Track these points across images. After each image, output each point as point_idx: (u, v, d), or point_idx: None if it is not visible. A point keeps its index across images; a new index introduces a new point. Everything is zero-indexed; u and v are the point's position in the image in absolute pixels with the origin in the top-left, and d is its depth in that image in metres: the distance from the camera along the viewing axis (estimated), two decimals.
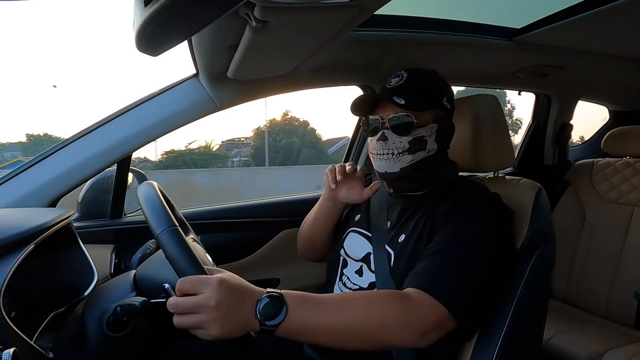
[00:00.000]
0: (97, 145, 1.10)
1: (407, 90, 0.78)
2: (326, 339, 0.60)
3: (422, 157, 0.78)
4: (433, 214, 0.76)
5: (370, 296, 0.65)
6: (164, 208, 0.66)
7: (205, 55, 1.02)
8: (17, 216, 0.79)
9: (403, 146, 0.77)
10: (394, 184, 0.84)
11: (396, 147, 0.77)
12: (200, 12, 0.51)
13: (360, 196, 0.89)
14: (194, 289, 0.54)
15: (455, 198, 0.76)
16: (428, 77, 0.83)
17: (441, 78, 0.85)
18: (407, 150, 0.77)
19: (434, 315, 0.62)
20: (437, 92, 0.81)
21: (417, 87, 0.79)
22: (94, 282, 0.79)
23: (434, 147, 0.79)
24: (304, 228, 1.04)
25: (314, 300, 0.60)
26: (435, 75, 0.84)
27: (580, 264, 1.58)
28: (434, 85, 0.82)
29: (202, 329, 0.54)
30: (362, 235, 0.88)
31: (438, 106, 0.79)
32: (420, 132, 0.77)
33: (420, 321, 0.62)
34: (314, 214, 1.00)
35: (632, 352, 1.18)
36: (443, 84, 0.84)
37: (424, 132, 0.77)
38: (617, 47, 1.32)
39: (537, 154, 1.99)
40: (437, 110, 0.79)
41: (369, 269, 0.84)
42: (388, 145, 0.78)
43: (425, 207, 0.79)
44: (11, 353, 0.52)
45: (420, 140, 0.77)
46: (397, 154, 0.78)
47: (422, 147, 0.77)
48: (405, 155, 0.77)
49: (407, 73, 0.80)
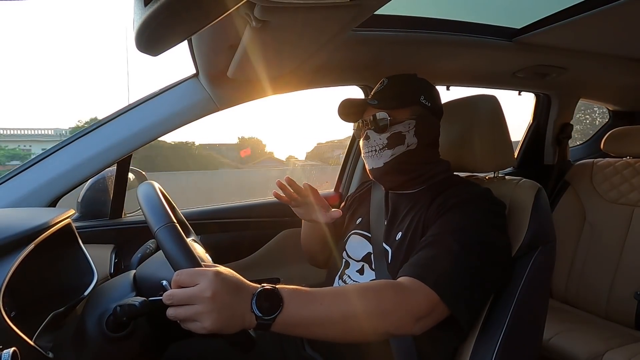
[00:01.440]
0: (97, 145, 1.10)
1: (384, 92, 0.87)
2: (323, 330, 0.60)
3: (402, 150, 0.83)
4: (426, 210, 0.78)
5: (365, 286, 0.66)
6: (162, 206, 0.66)
7: (205, 55, 1.02)
8: (17, 216, 0.79)
9: (383, 142, 0.84)
10: (382, 179, 0.88)
11: (377, 144, 0.84)
12: (200, 12, 0.51)
13: (324, 217, 0.91)
14: (190, 280, 0.54)
15: (447, 194, 0.78)
16: (405, 79, 0.89)
17: (420, 79, 0.90)
18: (386, 146, 0.83)
19: (426, 301, 0.64)
20: (413, 90, 0.86)
21: (393, 89, 0.87)
22: (94, 282, 0.79)
23: (414, 142, 0.83)
24: (302, 242, 1.08)
25: (309, 292, 0.60)
26: (413, 77, 0.90)
27: (580, 264, 1.58)
28: (410, 85, 0.88)
29: (196, 321, 0.53)
30: (363, 237, 0.90)
31: (415, 103, 0.84)
32: (397, 128, 0.83)
33: (413, 307, 0.63)
34: (303, 231, 1.06)
35: (632, 352, 1.18)
36: (421, 84, 0.89)
37: (401, 127, 0.83)
38: (617, 47, 1.32)
39: (537, 154, 1.99)
40: (414, 108, 0.85)
41: (370, 267, 0.85)
42: (370, 143, 0.85)
43: (419, 205, 0.82)
44: (11, 353, 0.52)
45: (398, 136, 0.83)
46: (379, 150, 0.84)
47: (400, 142, 0.83)
48: (386, 150, 0.84)
49: (388, 79, 0.89)
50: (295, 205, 0.95)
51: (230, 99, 1.22)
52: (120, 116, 1.14)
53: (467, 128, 0.90)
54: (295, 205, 0.94)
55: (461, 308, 0.66)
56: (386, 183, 0.89)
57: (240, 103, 1.25)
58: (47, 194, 1.05)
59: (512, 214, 0.80)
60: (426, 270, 0.66)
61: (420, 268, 0.67)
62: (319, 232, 0.99)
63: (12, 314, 0.63)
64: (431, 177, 0.85)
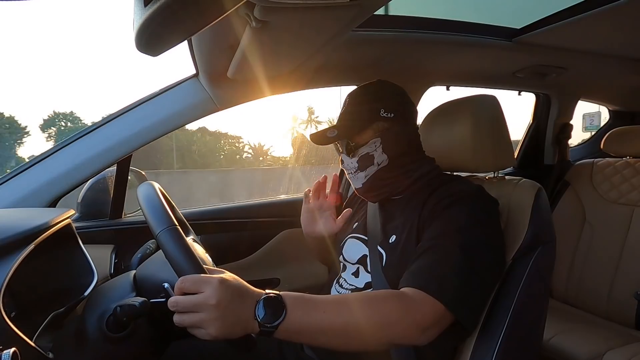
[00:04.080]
0: (97, 145, 1.10)
1: (344, 117, 0.86)
2: (326, 339, 0.60)
3: (374, 170, 0.83)
4: (420, 212, 0.78)
5: (369, 296, 0.65)
6: (164, 207, 0.65)
7: (205, 55, 1.02)
8: (17, 216, 0.79)
9: (354, 165, 0.85)
10: (366, 196, 0.90)
11: (351, 167, 0.85)
12: (200, 12, 0.51)
13: (334, 225, 0.95)
14: (194, 288, 0.54)
15: (439, 194, 0.77)
16: (363, 97, 0.86)
17: (380, 88, 0.86)
18: (358, 168, 0.84)
19: (431, 312, 0.63)
20: (371, 108, 0.83)
21: (351, 112, 0.85)
22: (94, 282, 0.79)
23: (384, 159, 0.83)
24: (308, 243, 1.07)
25: (312, 301, 0.60)
26: (371, 90, 0.87)
27: (580, 264, 1.58)
28: (367, 102, 0.85)
29: (201, 328, 0.54)
30: (359, 240, 0.90)
31: (375, 120, 0.82)
32: (364, 150, 0.83)
33: (419, 318, 0.62)
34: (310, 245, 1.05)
35: (632, 352, 1.18)
36: (380, 95, 0.85)
37: (368, 149, 0.83)
38: (617, 47, 1.32)
39: (537, 154, 1.99)
40: (376, 125, 0.82)
41: (365, 270, 0.85)
42: (346, 166, 0.87)
43: (412, 207, 0.81)
44: (11, 353, 0.52)
45: (367, 157, 0.83)
46: (354, 172, 0.85)
47: (370, 162, 0.83)
48: (359, 172, 0.85)
49: (348, 98, 0.87)
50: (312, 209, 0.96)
51: (230, 99, 1.22)
52: (120, 116, 1.14)
53: (467, 128, 0.90)
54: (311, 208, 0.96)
55: (467, 314, 0.66)
56: (371, 198, 0.90)
57: (240, 103, 1.25)
58: (47, 194, 1.05)
59: (512, 214, 0.80)
60: (429, 280, 0.65)
61: (423, 277, 0.66)
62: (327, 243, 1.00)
63: (12, 314, 0.63)
64: (418, 179, 0.84)
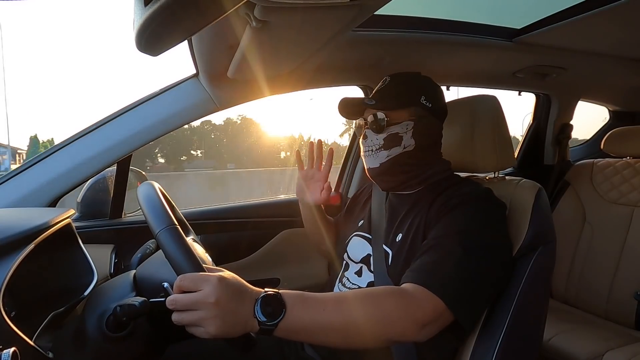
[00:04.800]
0: (97, 145, 1.10)
1: (384, 92, 0.86)
2: (325, 337, 0.60)
3: (398, 152, 0.82)
4: (427, 211, 0.78)
5: (368, 292, 0.65)
6: (163, 207, 0.65)
7: (205, 55, 1.02)
8: (17, 216, 0.79)
9: (379, 143, 0.83)
10: (378, 179, 0.88)
11: (374, 144, 0.83)
12: (200, 12, 0.51)
13: (319, 197, 0.97)
14: (193, 286, 0.54)
15: (447, 194, 0.77)
16: (407, 79, 0.87)
17: (423, 79, 0.88)
18: (382, 147, 0.83)
19: (431, 308, 0.63)
20: (414, 91, 0.84)
21: (393, 88, 0.85)
22: (93, 282, 0.79)
23: (411, 143, 0.82)
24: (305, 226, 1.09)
25: (312, 298, 0.60)
26: (416, 77, 0.88)
27: (580, 265, 1.58)
28: (411, 85, 0.86)
29: (200, 327, 0.53)
30: (364, 238, 0.90)
31: (414, 104, 0.83)
32: (395, 129, 0.82)
33: (418, 314, 0.62)
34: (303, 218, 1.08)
35: (632, 353, 1.18)
36: (423, 84, 0.87)
37: (398, 129, 0.82)
38: (617, 47, 1.32)
39: (537, 154, 1.99)
40: (414, 109, 0.83)
41: (368, 269, 0.85)
42: (368, 142, 0.85)
43: (419, 206, 0.81)
44: (11, 353, 0.52)
45: (395, 137, 0.82)
46: (375, 150, 0.83)
47: (397, 143, 0.82)
48: (382, 151, 0.83)
49: (390, 77, 0.87)
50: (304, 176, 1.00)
51: (230, 99, 1.22)
52: (120, 116, 1.14)
53: (467, 128, 0.90)
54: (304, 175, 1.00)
55: (467, 314, 0.66)
56: (382, 183, 0.89)
57: (240, 103, 1.25)
58: (47, 194, 1.05)
59: (513, 214, 0.80)
60: (430, 277, 0.65)
61: (425, 274, 0.66)
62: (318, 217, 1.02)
63: (12, 314, 0.63)
64: (429, 177, 0.84)
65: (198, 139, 35.70)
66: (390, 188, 0.89)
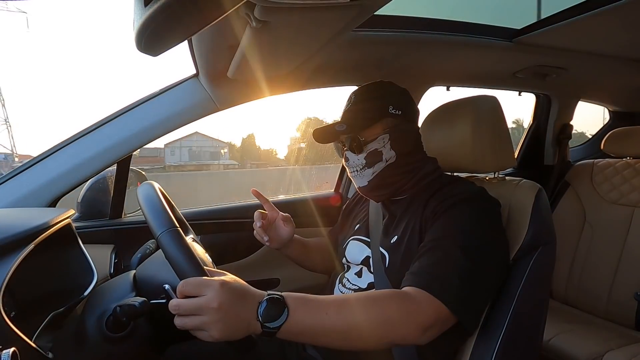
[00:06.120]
0: (97, 145, 1.10)
1: (350, 114, 0.86)
2: (328, 339, 0.60)
3: (382, 167, 0.83)
4: (421, 213, 0.78)
5: (371, 295, 0.65)
6: (164, 208, 0.65)
7: (205, 55, 1.02)
8: (17, 216, 0.79)
9: (362, 162, 0.84)
10: (370, 195, 0.89)
11: (357, 165, 0.85)
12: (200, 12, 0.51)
13: (285, 231, 0.96)
14: (196, 291, 0.54)
15: (441, 195, 0.78)
16: (371, 93, 0.87)
17: (386, 87, 0.88)
18: (366, 165, 0.84)
19: (433, 311, 0.63)
20: (380, 104, 0.84)
21: (359, 108, 0.86)
22: (93, 282, 0.79)
23: (392, 155, 0.83)
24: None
25: (314, 301, 0.60)
26: (378, 87, 0.88)
27: (580, 265, 1.58)
28: (376, 99, 0.86)
29: (203, 331, 0.54)
30: (362, 242, 0.91)
31: (384, 116, 0.83)
32: (373, 146, 0.83)
33: (420, 317, 0.62)
34: (294, 261, 1.07)
35: (632, 353, 1.18)
36: (388, 93, 0.87)
37: (376, 144, 0.83)
38: (617, 47, 1.32)
39: (537, 154, 1.99)
40: (385, 121, 0.83)
41: (368, 271, 0.85)
42: (351, 164, 0.86)
43: (414, 208, 0.81)
44: (10, 353, 0.52)
45: (375, 153, 0.83)
46: (360, 169, 0.85)
47: (378, 159, 0.83)
48: (366, 169, 0.84)
49: (354, 95, 0.88)
50: (267, 227, 0.96)
51: (230, 99, 1.22)
52: (120, 116, 1.14)
53: (467, 128, 0.90)
54: (264, 229, 0.95)
55: (469, 316, 0.66)
56: (375, 198, 0.90)
57: (240, 103, 1.25)
58: (47, 194, 1.05)
59: (513, 214, 0.80)
60: (431, 280, 0.66)
61: (425, 278, 0.66)
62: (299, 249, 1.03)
63: (12, 314, 0.63)
64: (421, 179, 0.85)
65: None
66: (385, 199, 0.89)
